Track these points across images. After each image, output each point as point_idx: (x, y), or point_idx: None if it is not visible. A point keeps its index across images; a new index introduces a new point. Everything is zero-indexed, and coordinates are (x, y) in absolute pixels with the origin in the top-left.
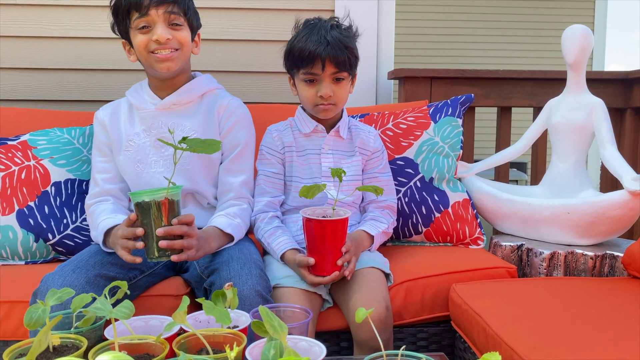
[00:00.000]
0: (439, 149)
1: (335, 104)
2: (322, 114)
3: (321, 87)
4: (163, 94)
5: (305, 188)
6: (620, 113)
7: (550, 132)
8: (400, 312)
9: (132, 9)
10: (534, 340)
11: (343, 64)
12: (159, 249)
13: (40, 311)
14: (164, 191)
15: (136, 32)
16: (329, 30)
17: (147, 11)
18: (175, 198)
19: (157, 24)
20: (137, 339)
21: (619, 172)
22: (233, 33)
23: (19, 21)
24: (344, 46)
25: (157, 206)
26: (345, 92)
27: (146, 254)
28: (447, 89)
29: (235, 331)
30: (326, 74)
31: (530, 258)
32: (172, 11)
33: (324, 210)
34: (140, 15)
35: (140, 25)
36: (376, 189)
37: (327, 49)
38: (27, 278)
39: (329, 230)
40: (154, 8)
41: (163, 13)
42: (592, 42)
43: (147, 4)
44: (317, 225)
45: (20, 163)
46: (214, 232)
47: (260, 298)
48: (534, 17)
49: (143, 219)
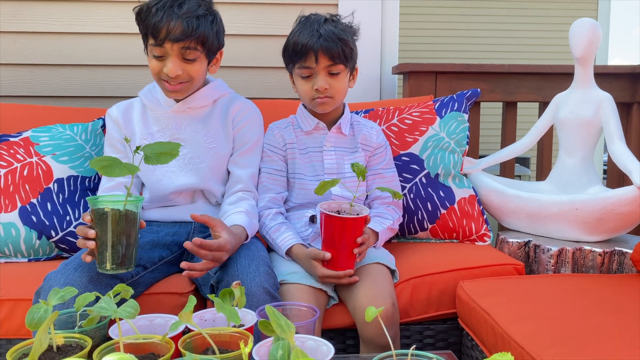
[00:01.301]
0: (444, 145)
1: (333, 96)
2: (320, 107)
3: (316, 80)
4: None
5: (322, 184)
6: (627, 107)
7: (557, 127)
8: (407, 309)
9: (149, 33)
10: (543, 339)
11: (337, 56)
12: (113, 260)
13: (42, 311)
14: (122, 201)
15: (151, 56)
16: (322, 24)
17: (162, 44)
18: (135, 210)
19: (169, 57)
20: (142, 338)
21: (628, 168)
22: (237, 28)
23: (19, 16)
24: (337, 38)
25: (116, 216)
26: (343, 86)
27: (97, 263)
28: (452, 83)
29: (241, 330)
30: (320, 67)
31: (538, 255)
32: (188, 47)
33: (339, 205)
34: (155, 44)
35: (154, 53)
36: (395, 193)
37: (319, 41)
38: (30, 276)
39: (349, 227)
40: (169, 43)
41: (178, 48)
42: (600, 36)
43: (163, 37)
44: (338, 222)
45: (22, 160)
46: (242, 234)
47: (268, 295)
48: (538, 12)
49: (98, 227)
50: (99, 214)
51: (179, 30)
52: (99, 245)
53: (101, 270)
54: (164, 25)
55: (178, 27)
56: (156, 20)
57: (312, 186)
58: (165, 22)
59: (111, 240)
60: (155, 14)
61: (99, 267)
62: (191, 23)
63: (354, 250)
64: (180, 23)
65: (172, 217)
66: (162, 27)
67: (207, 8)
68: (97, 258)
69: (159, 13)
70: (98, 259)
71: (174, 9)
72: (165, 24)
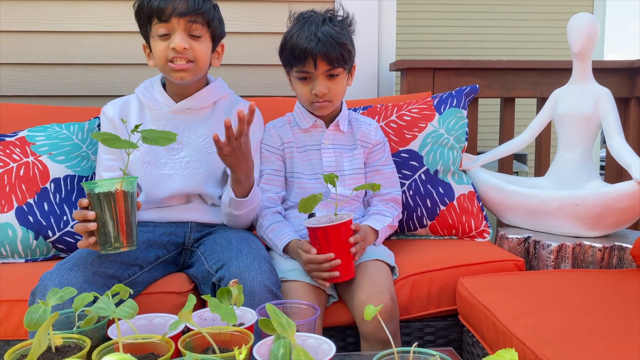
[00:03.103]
0: (444, 141)
1: (331, 100)
2: (319, 111)
3: (315, 84)
4: (177, 98)
5: (302, 202)
6: (624, 102)
7: (555, 122)
8: (407, 306)
9: (154, 15)
10: (545, 335)
11: (336, 60)
12: (115, 239)
13: (41, 311)
14: (118, 180)
15: (156, 39)
16: (320, 26)
17: (169, 19)
18: (130, 190)
19: (176, 32)
20: (142, 338)
21: (627, 163)
22: (230, 26)
23: (15, 15)
24: (336, 42)
25: (114, 196)
26: (341, 88)
27: (100, 247)
28: (450, 80)
29: (241, 329)
30: (319, 71)
31: (538, 250)
32: (195, 21)
33: (329, 218)
34: (160, 22)
35: (160, 32)
36: (373, 185)
37: (317, 46)
38: (28, 276)
39: (332, 234)
40: (176, 17)
41: (185, 22)
42: (598, 31)
43: (169, 12)
44: (321, 233)
45: (18, 159)
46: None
47: (269, 294)
48: (535, 8)
49: (98, 209)
50: (97, 196)
51: (185, 6)
52: (100, 227)
53: (104, 251)
54: (169, 3)
55: (184, 3)
56: (160, 1)
57: (311, 184)
58: (171, 1)
59: (112, 220)
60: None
61: (103, 249)
62: (197, 0)
63: (350, 250)
64: (185, 0)
65: (168, 217)
66: (167, 5)
67: None
68: (99, 241)
69: None
70: (100, 240)
71: None
72: (170, 2)
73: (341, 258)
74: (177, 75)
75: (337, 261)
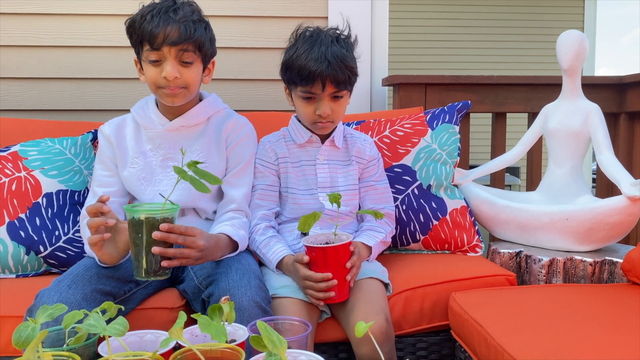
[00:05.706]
0: (436, 156)
1: (333, 120)
2: (320, 131)
3: (320, 105)
4: (171, 116)
5: (303, 220)
6: (614, 118)
7: (546, 137)
8: (399, 322)
9: (145, 40)
10: (537, 350)
11: (343, 83)
12: (147, 269)
13: (30, 329)
14: (159, 209)
15: (147, 63)
16: (329, 46)
17: (160, 47)
18: (170, 216)
19: (167, 60)
20: (132, 355)
21: (616, 178)
22: (227, 41)
23: (8, 30)
24: (345, 65)
25: (151, 224)
26: (343, 109)
27: (135, 273)
28: (441, 95)
29: (232, 346)
30: (325, 93)
31: (529, 265)
32: (187, 49)
33: (327, 236)
34: (151, 49)
35: (150, 57)
36: (376, 213)
37: (328, 69)
38: (19, 292)
39: (331, 255)
40: (167, 46)
41: (176, 51)
42: (587, 47)
43: (160, 41)
44: (319, 253)
45: (10, 174)
46: (223, 240)
47: (259, 309)
48: (524, 23)
49: (135, 236)
50: (136, 222)
51: (177, 34)
52: (136, 253)
53: (138, 277)
54: (161, 30)
55: (175, 30)
56: (152, 26)
57: (305, 200)
58: (162, 27)
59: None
60: (151, 21)
61: (136, 275)
62: (188, 27)
63: (346, 277)
64: (177, 27)
65: None
66: (159, 32)
67: (199, 16)
68: (134, 266)
69: (154, 19)
70: (135, 266)
71: (170, 15)
72: (162, 29)
73: (337, 279)
74: (169, 99)
75: (334, 281)
